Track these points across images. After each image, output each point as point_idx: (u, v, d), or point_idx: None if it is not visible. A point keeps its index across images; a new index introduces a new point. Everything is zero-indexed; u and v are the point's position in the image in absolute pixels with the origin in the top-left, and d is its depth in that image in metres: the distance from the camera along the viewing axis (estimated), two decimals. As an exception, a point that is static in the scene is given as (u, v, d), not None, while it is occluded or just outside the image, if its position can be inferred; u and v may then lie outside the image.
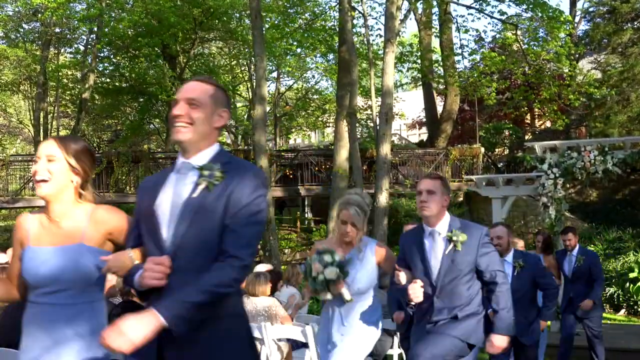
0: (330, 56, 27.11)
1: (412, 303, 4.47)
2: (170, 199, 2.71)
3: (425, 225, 4.50)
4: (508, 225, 7.02)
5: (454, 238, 4.37)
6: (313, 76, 33.41)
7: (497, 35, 24.62)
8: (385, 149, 16.34)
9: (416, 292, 4.26)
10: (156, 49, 24.61)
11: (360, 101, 24.87)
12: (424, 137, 31.80)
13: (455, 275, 4.38)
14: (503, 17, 21.90)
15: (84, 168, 3.01)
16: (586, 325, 8.09)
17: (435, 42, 26.71)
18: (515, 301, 4.97)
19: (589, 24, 25.57)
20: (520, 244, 7.63)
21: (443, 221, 4.46)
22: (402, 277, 4.37)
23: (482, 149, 22.15)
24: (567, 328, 8.19)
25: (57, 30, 26.04)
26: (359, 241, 4.76)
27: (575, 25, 25.65)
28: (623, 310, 14.57)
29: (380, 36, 21.99)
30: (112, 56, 26.75)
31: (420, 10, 25.60)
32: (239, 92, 33.55)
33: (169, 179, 2.78)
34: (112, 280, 6.02)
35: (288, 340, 6.92)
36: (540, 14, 20.91)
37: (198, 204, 2.64)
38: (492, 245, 4.62)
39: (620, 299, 14.73)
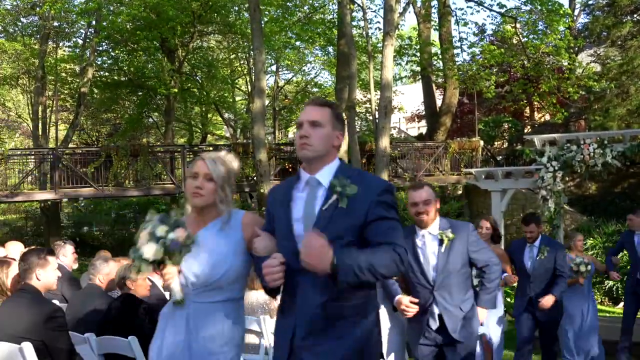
0: (330, 49, 27.08)
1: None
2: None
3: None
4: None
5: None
6: (313, 67, 33.34)
7: (497, 29, 24.58)
8: (385, 142, 16.33)
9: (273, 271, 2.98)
10: (155, 42, 24.58)
11: (359, 94, 24.87)
12: (423, 130, 31.78)
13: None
14: (502, 10, 21.88)
15: None
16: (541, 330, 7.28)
17: (434, 35, 26.67)
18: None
19: (588, 16, 25.55)
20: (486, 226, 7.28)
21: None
22: (260, 241, 3.22)
23: (481, 142, 22.15)
24: (523, 332, 7.25)
25: (56, 23, 25.94)
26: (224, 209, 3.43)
27: (575, 18, 25.62)
28: (622, 304, 14.58)
29: (380, 29, 21.99)
30: (110, 50, 26.71)
31: (419, 3, 25.54)
32: (237, 86, 33.52)
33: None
34: (111, 274, 6.00)
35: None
36: (539, 7, 20.88)
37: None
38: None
39: (619, 292, 14.75)
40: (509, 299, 11.23)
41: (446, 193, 23.84)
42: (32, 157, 21.15)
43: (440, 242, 4.68)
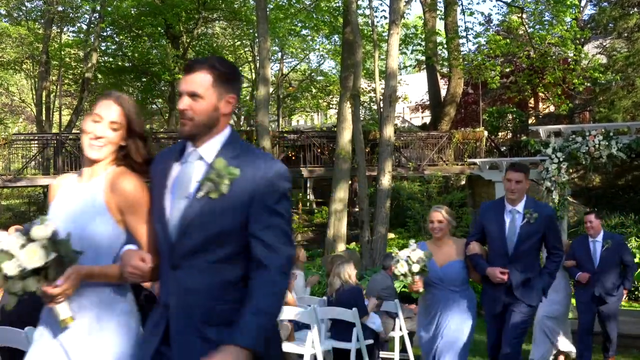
0: (335, 38, 26.99)
1: None
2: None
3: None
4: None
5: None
6: (321, 56, 33.25)
7: (503, 19, 24.46)
8: (389, 132, 16.30)
9: None
10: (159, 28, 24.53)
11: (364, 83, 24.77)
12: (427, 120, 31.71)
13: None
14: (509, 0, 21.75)
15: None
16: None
17: (439, 25, 26.56)
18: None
19: (595, 8, 25.44)
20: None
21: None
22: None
23: (486, 133, 22.08)
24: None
25: (60, 8, 25.88)
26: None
27: (581, 9, 25.48)
28: (624, 296, 14.57)
29: (385, 18, 21.86)
30: (115, 35, 26.66)
31: (425, -8, 25.41)
32: (242, 73, 33.40)
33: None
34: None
35: (290, 320, 6.94)
36: (546, -3, 20.78)
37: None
38: None
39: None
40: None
41: (449, 183, 23.80)
42: (36, 142, 21.15)
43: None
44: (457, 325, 5.44)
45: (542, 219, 5.53)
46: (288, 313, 6.61)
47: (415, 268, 5.26)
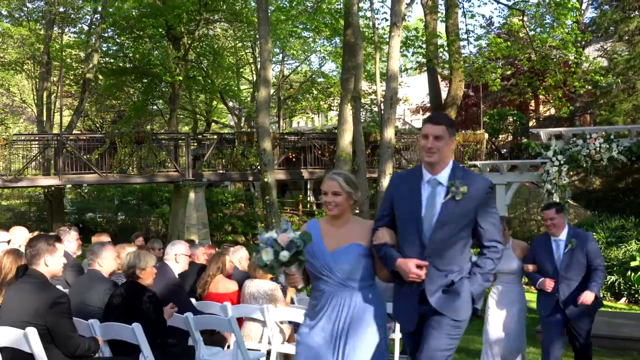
0: (336, 39, 26.99)
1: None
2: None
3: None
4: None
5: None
6: (324, 57, 33.20)
7: (504, 21, 24.46)
8: (390, 134, 16.30)
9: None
10: (160, 29, 24.51)
11: (364, 85, 24.79)
12: (428, 122, 31.64)
13: None
14: (510, 3, 21.77)
15: None
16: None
17: (440, 27, 26.54)
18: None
19: (596, 11, 25.44)
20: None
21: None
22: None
23: (486, 135, 22.10)
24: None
25: (62, 9, 25.90)
26: None
27: (582, 12, 25.50)
28: (624, 299, 14.58)
29: (386, 20, 21.90)
30: (116, 36, 26.64)
31: (426, -5, 25.41)
32: (243, 75, 33.43)
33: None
34: (109, 257, 5.99)
35: (290, 322, 6.94)
36: (547, 0, 20.76)
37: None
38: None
39: (622, 287, 14.73)
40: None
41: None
42: (36, 142, 21.16)
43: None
44: (363, 349, 3.91)
45: (474, 193, 3.87)
46: (287, 314, 6.61)
47: (285, 256, 3.67)
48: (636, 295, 14.35)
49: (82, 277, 6.28)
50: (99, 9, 23.56)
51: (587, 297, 6.36)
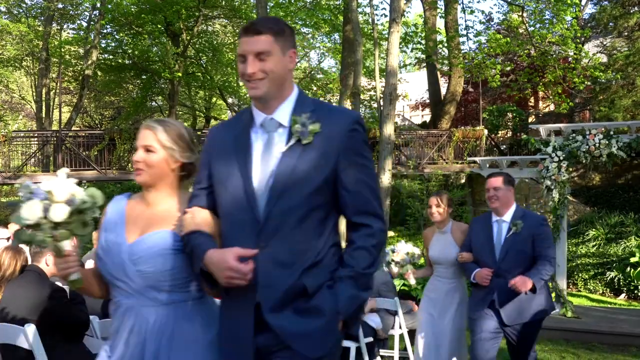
0: (335, 35, 26.97)
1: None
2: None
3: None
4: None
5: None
6: (322, 54, 33.21)
7: (503, 17, 24.45)
8: (389, 130, 16.27)
9: None
10: (159, 26, 24.48)
11: (364, 81, 24.76)
12: (427, 118, 31.71)
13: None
14: (509, -1, 21.75)
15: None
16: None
17: (440, 23, 26.53)
18: None
19: (595, 7, 25.42)
20: None
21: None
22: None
23: (486, 131, 22.09)
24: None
25: (60, 5, 25.87)
26: None
27: (582, 8, 25.46)
28: (623, 295, 14.62)
29: (385, 16, 21.86)
30: (115, 33, 26.61)
31: (426, -10, 25.40)
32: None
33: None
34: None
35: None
36: (546, -4, 20.77)
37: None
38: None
39: (621, 283, 14.77)
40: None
41: (449, 181, 23.82)
42: (35, 139, 21.15)
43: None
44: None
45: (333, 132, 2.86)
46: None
47: (59, 213, 2.53)
48: (636, 291, 14.39)
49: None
50: (98, 5, 23.53)
51: (520, 282, 4.77)
